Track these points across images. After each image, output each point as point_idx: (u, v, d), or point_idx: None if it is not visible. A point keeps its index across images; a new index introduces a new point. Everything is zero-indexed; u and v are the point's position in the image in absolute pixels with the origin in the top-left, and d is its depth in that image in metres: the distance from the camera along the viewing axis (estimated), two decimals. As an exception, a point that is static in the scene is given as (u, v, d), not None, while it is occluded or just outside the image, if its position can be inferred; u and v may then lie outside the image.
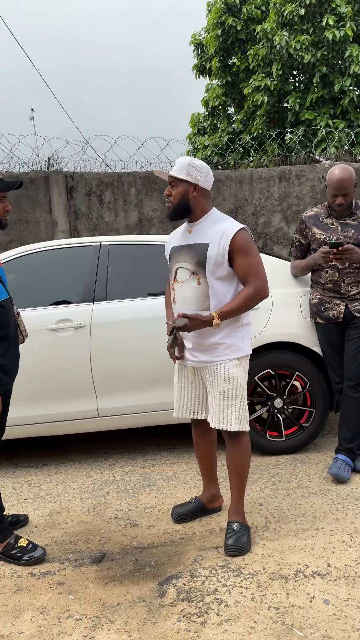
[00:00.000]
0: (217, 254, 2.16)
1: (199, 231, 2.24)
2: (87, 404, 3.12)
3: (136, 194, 6.38)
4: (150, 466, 3.19)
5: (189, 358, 2.32)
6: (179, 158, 2.25)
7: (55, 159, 6.47)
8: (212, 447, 2.52)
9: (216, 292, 2.20)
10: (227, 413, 2.24)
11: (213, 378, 2.26)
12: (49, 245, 3.35)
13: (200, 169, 2.20)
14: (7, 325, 2.21)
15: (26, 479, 3.08)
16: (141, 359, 3.11)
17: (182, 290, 2.26)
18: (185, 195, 2.20)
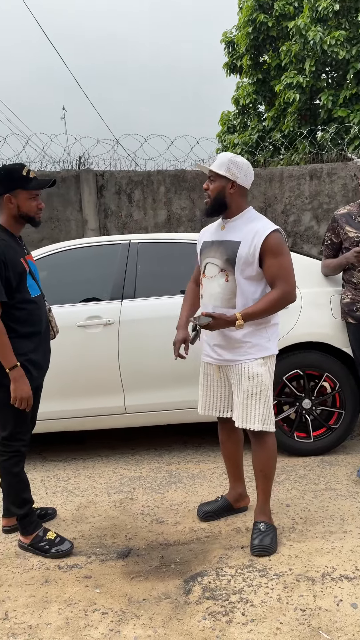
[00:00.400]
0: (247, 253, 2.14)
1: (232, 228, 2.22)
2: (114, 400, 3.14)
3: (165, 192, 6.39)
4: (176, 464, 3.20)
5: (213, 356, 2.32)
6: (221, 153, 2.23)
7: (86, 157, 6.53)
8: (238, 447, 2.51)
9: (244, 291, 2.18)
10: (251, 412, 2.22)
11: (237, 377, 2.25)
12: (79, 243, 3.38)
13: (241, 166, 2.18)
14: (39, 321, 2.24)
15: (54, 473, 3.13)
16: (168, 357, 3.11)
17: (209, 286, 2.25)
18: (222, 191, 2.19)
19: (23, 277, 2.16)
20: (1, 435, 2.23)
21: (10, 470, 2.23)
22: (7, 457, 2.22)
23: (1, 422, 2.22)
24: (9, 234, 2.17)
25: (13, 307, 2.13)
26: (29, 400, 2.14)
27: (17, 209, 2.15)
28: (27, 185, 2.12)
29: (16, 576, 2.12)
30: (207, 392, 2.40)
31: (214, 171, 2.19)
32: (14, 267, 2.11)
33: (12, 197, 2.13)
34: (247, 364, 2.22)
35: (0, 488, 2.39)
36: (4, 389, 2.15)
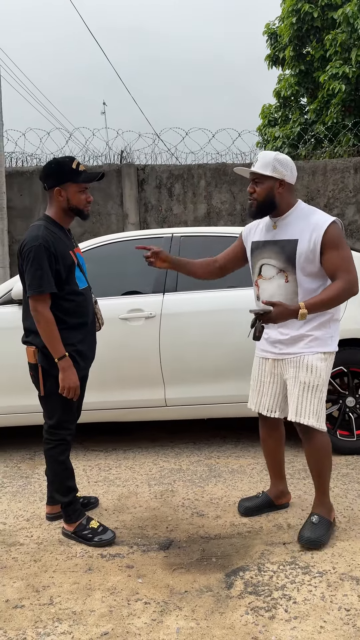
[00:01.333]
0: (307, 249, 2.08)
1: (286, 226, 2.16)
2: (155, 393, 3.16)
3: (205, 186, 6.36)
4: (215, 458, 3.19)
5: (272, 350, 2.27)
6: (262, 152, 2.17)
7: (127, 152, 6.57)
8: (279, 445, 2.47)
9: (305, 290, 2.13)
10: (306, 406, 2.17)
11: (295, 369, 2.19)
12: (122, 236, 3.41)
13: (286, 164, 2.14)
14: (86, 313, 2.27)
15: (96, 462, 3.18)
16: (209, 351, 3.11)
17: (268, 288, 2.20)
18: (271, 191, 2.13)
19: (72, 270, 2.18)
20: (48, 424, 2.27)
21: (57, 458, 2.27)
22: (54, 445, 2.27)
23: (48, 411, 2.27)
24: (58, 227, 2.20)
25: (62, 298, 2.17)
26: (77, 390, 2.17)
27: (67, 201, 2.17)
28: (77, 179, 2.14)
29: (60, 563, 2.16)
30: (259, 387, 2.37)
31: (258, 172, 2.13)
32: (63, 259, 2.14)
33: (62, 190, 2.15)
34: (307, 356, 2.16)
35: (46, 476, 2.44)
36: (52, 379, 2.19)
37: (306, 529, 2.21)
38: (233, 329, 3.09)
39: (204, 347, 3.11)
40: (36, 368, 2.20)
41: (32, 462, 3.23)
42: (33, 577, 2.06)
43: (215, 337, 3.10)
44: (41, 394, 2.24)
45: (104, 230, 6.34)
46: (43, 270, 2.07)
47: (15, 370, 3.08)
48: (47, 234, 2.10)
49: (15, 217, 6.31)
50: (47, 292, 2.09)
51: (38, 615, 1.85)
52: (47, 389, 2.21)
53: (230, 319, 3.10)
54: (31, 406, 3.04)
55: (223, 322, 3.11)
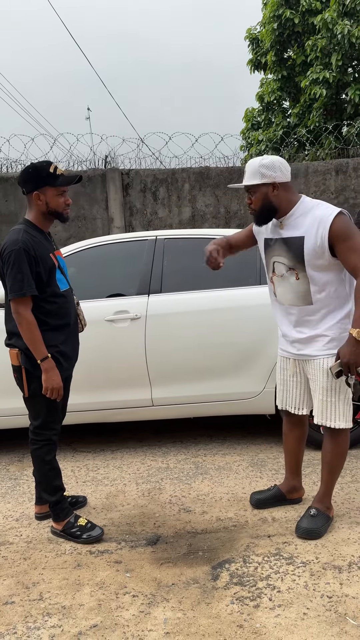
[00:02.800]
0: (314, 245, 2.06)
1: (292, 223, 2.15)
2: (141, 393, 3.20)
3: (190, 189, 6.43)
4: (202, 456, 3.24)
5: (291, 351, 2.29)
6: (249, 162, 2.16)
7: (112, 157, 6.62)
8: (300, 442, 2.49)
9: (318, 283, 2.12)
10: (331, 410, 2.19)
11: (315, 372, 2.21)
12: (106, 240, 3.45)
13: (273, 166, 2.11)
14: (68, 314, 2.31)
15: (84, 463, 3.21)
16: (194, 351, 3.16)
17: (282, 286, 2.22)
18: (266, 197, 2.12)
19: (52, 272, 2.22)
20: (33, 425, 2.31)
21: (43, 458, 2.30)
22: (40, 445, 2.30)
23: (33, 412, 2.30)
24: (38, 230, 2.24)
25: (44, 300, 2.21)
26: (60, 390, 2.21)
27: (45, 205, 2.21)
28: (55, 182, 2.18)
29: (49, 560, 2.19)
30: (283, 386, 2.40)
31: (249, 184, 2.14)
32: (44, 262, 2.18)
33: (40, 194, 2.19)
34: (325, 359, 2.18)
35: (34, 477, 2.47)
36: (36, 380, 2.23)
37: (304, 520, 2.27)
38: (218, 329, 3.14)
39: (189, 347, 3.16)
40: (20, 370, 2.24)
41: (21, 464, 3.25)
42: (23, 575, 2.09)
43: (201, 338, 3.15)
44: (25, 395, 2.27)
45: (89, 234, 6.38)
46: (23, 273, 2.10)
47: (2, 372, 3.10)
48: (26, 238, 2.14)
49: (0, 223, 6.32)
50: (28, 295, 2.12)
51: (28, 610, 1.88)
52: (31, 390, 2.25)
53: (216, 320, 3.15)
54: (17, 408, 3.07)
55: (208, 323, 3.16)
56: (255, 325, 3.13)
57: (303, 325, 2.22)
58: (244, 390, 3.16)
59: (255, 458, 3.17)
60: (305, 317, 2.20)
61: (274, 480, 2.84)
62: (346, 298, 2.17)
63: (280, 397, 2.43)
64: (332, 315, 2.16)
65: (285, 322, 2.30)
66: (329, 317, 2.16)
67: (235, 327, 3.14)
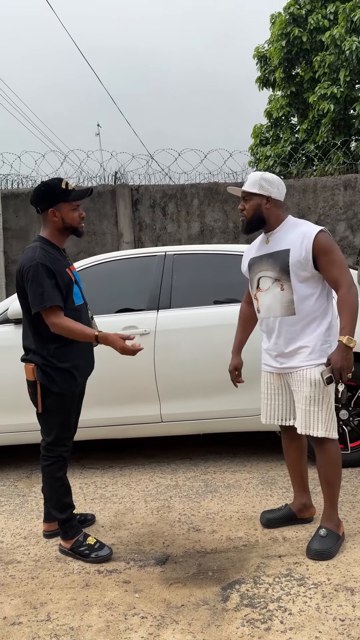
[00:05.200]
0: (299, 256, 2.18)
1: (277, 239, 2.28)
2: (150, 409, 3.19)
3: (199, 205, 6.48)
4: (212, 473, 3.21)
5: (274, 365, 2.36)
6: (251, 173, 2.32)
7: (121, 172, 6.69)
8: (301, 455, 2.50)
9: (300, 296, 2.22)
10: (313, 419, 2.22)
11: (298, 383, 2.26)
12: (116, 255, 3.48)
13: (272, 182, 2.27)
14: None
15: (92, 480, 3.19)
16: (204, 366, 3.15)
17: (265, 298, 2.31)
18: (259, 208, 2.27)
19: (70, 287, 2.24)
20: (45, 441, 2.31)
21: (54, 474, 2.30)
22: (51, 462, 2.30)
23: (46, 428, 2.30)
24: (54, 247, 2.26)
25: None
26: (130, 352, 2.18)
27: (61, 221, 2.24)
28: (68, 197, 2.21)
29: (57, 579, 2.17)
30: (268, 400, 2.43)
31: (247, 191, 2.27)
32: (61, 277, 2.20)
33: (55, 210, 2.22)
34: (308, 370, 2.23)
35: (42, 493, 2.46)
36: (51, 396, 2.23)
37: (314, 542, 2.24)
38: (227, 345, 3.13)
39: (198, 362, 3.16)
40: (35, 385, 2.24)
41: (29, 481, 3.24)
42: (30, 594, 2.08)
43: (210, 353, 3.15)
44: (39, 411, 2.27)
45: (99, 250, 6.43)
46: (44, 287, 2.13)
47: (12, 388, 3.11)
48: (43, 255, 2.17)
49: (11, 238, 6.39)
50: (48, 307, 2.14)
51: (36, 631, 1.86)
52: (45, 406, 2.25)
53: (225, 335, 3.15)
54: (27, 424, 3.07)
55: (217, 338, 3.16)
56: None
57: (285, 336, 2.28)
58: (254, 407, 3.14)
59: (266, 476, 3.13)
60: (288, 327, 2.27)
61: (285, 499, 2.81)
62: (325, 310, 2.26)
63: (265, 411, 2.46)
64: (312, 326, 2.24)
65: (268, 336, 2.38)
66: (310, 328, 2.24)
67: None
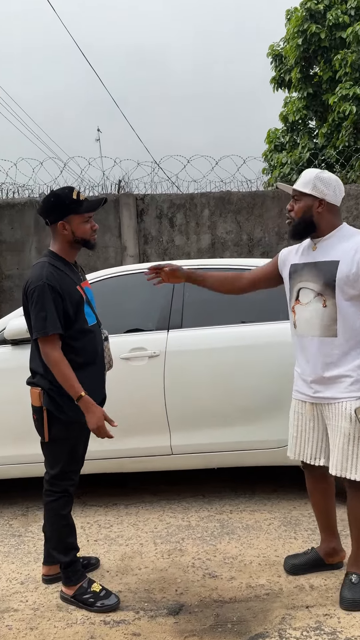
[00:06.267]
0: (349, 271, 2.12)
1: (327, 247, 2.22)
2: (159, 440, 3.18)
3: (209, 215, 6.53)
4: (228, 512, 3.18)
5: (307, 393, 2.28)
6: (305, 171, 2.27)
7: (125, 181, 6.77)
8: (329, 497, 2.45)
9: (345, 316, 2.15)
10: (351, 460, 2.16)
11: (336, 417, 2.20)
12: (122, 270, 3.50)
13: (328, 183, 2.20)
14: (95, 351, 2.33)
15: (95, 519, 3.17)
16: (220, 393, 3.14)
17: (305, 313, 2.24)
18: (309, 211, 2.20)
19: (80, 307, 2.25)
20: (50, 474, 2.30)
21: (58, 512, 2.28)
22: (56, 497, 2.28)
23: (51, 460, 2.29)
24: (64, 262, 2.28)
25: (70, 337, 2.23)
26: (103, 429, 2.22)
27: (72, 234, 2.26)
28: (80, 209, 2.23)
29: (59, 631, 2.14)
30: (298, 434, 2.36)
31: (298, 190, 2.22)
32: (70, 297, 2.21)
33: (66, 223, 2.24)
34: (348, 402, 2.17)
35: (43, 533, 2.44)
36: (58, 423, 2.23)
37: (346, 590, 2.20)
38: (247, 369, 3.13)
39: (214, 388, 3.15)
40: (40, 411, 2.24)
41: (25, 519, 3.22)
42: (29, 648, 2.05)
43: (227, 378, 3.15)
44: (45, 439, 2.27)
45: (101, 264, 6.47)
46: (47, 311, 2.14)
47: (9, 415, 3.11)
48: (51, 272, 2.18)
49: (6, 251, 6.45)
50: (50, 334, 2.15)
51: None
52: (51, 434, 2.25)
53: (244, 358, 3.15)
54: (26, 455, 3.06)
55: (236, 361, 3.15)
56: (286, 365, 3.10)
57: (323, 361, 2.21)
58: (276, 438, 3.11)
59: (289, 516, 3.10)
60: (327, 350, 2.20)
61: (311, 542, 2.77)
62: None
63: (293, 446, 2.39)
64: (356, 352, 2.18)
65: (303, 358, 2.30)
66: (353, 353, 2.17)
67: (264, 367, 3.12)
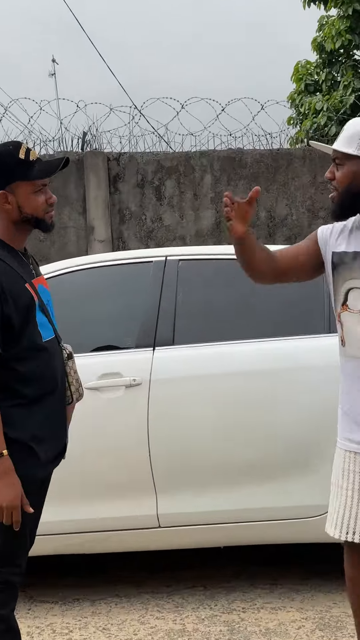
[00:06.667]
0: None
1: None
2: (141, 507, 3.17)
3: (213, 183, 6.54)
4: (239, 611, 3.17)
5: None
6: (349, 123, 2.28)
7: (92, 134, 6.75)
8: None
9: None
10: None
11: None
12: (88, 262, 3.50)
13: None
14: (52, 378, 2.28)
15: (48, 622, 3.15)
16: (227, 438, 3.14)
17: (356, 327, 2.24)
18: (357, 179, 2.20)
19: (31, 313, 2.21)
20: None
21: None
22: (-8, 591, 2.25)
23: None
24: (7, 250, 2.25)
25: (14, 358, 2.18)
26: (17, 511, 2.16)
27: (18, 210, 2.24)
28: (30, 174, 2.21)
29: None
30: (347, 499, 2.33)
31: (340, 151, 2.22)
32: (16, 299, 2.16)
33: (9, 194, 2.21)
34: None
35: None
36: None
37: None
38: (265, 405, 3.14)
39: (216, 432, 3.14)
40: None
41: None
42: None
43: (237, 418, 3.15)
44: None
45: (55, 253, 6.45)
46: None
47: None
48: None
49: None
50: None
51: None
52: None
53: (262, 388, 3.16)
54: None
55: (247, 393, 3.16)
56: (322, 398, 3.10)
57: None
58: (306, 504, 3.11)
59: (327, 616, 3.09)
60: None
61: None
62: None
63: (339, 518, 2.35)
64: None
65: (356, 390, 2.29)
66: None
67: (291, 402, 3.13)
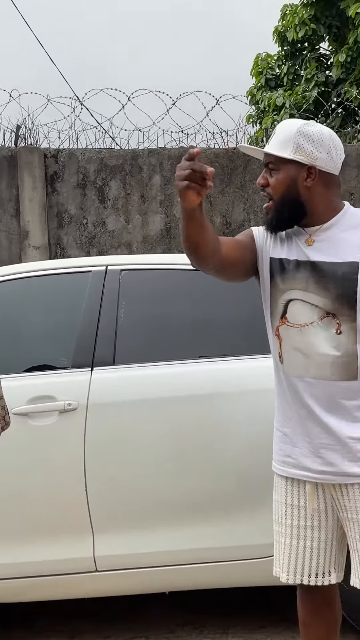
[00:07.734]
0: None
1: (332, 241, 2.20)
2: (75, 549, 3.13)
3: (162, 184, 6.54)
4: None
5: (312, 467, 2.24)
6: (281, 124, 2.23)
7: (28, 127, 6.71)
8: (331, 631, 2.41)
9: None
10: None
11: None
12: (17, 271, 3.46)
13: (320, 139, 2.16)
14: None
15: None
16: (172, 471, 3.14)
17: (306, 341, 2.20)
18: (294, 185, 2.17)
19: None
20: None
21: None
22: None
23: None
24: None
25: None
26: None
27: None
28: None
29: None
30: (292, 539, 2.31)
31: (273, 155, 2.18)
32: None
33: None
34: None
35: None
36: None
37: None
38: (219, 432, 3.14)
39: (165, 463, 3.14)
40: None
41: None
42: None
43: (186, 446, 3.15)
44: None
45: (-15, 260, 6.38)
46: None
47: None
48: None
49: None
50: None
51: None
52: None
53: (215, 414, 3.16)
54: None
55: (201, 419, 3.16)
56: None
57: (340, 416, 2.21)
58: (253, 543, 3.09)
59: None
60: (345, 399, 2.20)
61: None
62: None
63: (284, 557, 2.33)
64: None
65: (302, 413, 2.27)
66: None
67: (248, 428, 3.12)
